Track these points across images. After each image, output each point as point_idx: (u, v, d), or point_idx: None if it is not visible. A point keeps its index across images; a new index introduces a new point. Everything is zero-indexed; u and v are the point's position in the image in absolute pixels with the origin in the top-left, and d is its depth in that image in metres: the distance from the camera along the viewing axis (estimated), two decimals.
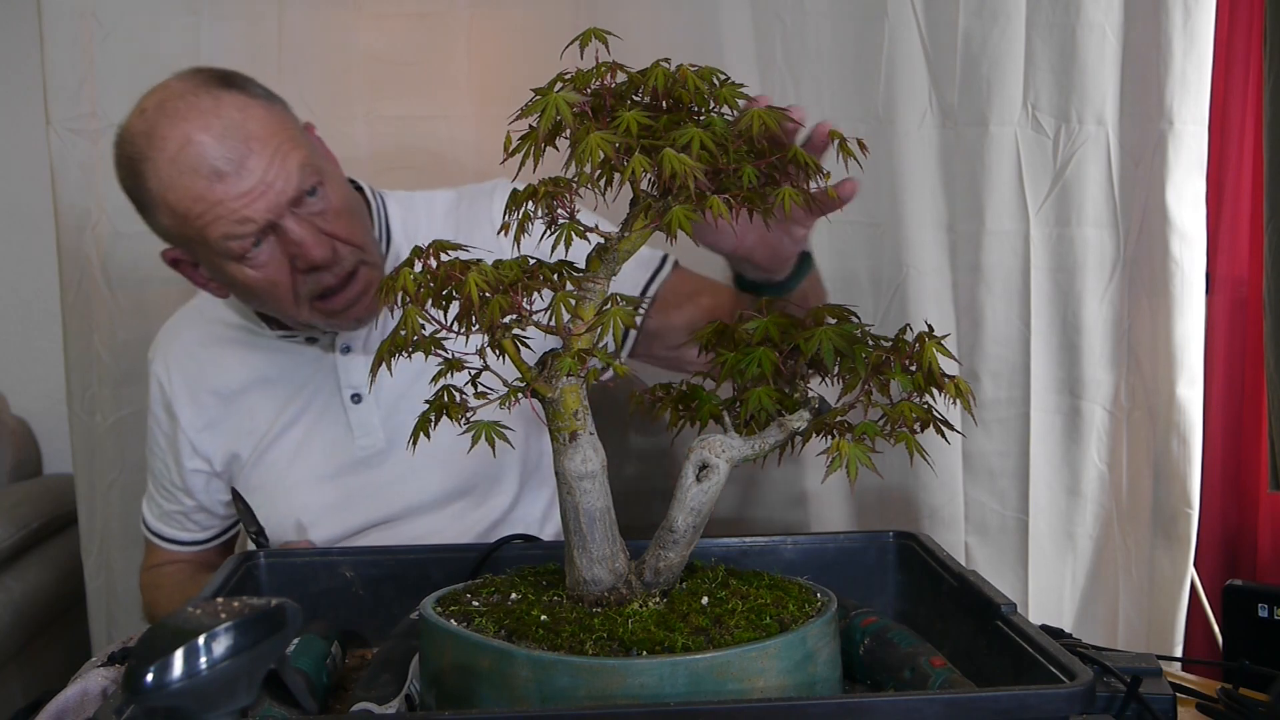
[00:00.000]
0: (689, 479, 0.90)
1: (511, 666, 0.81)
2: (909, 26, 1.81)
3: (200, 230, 1.31)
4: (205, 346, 1.53)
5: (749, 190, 0.87)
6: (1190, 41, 1.76)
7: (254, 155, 1.29)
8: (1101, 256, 1.83)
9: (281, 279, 1.34)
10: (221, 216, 1.29)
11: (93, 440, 1.95)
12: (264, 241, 1.32)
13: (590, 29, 0.88)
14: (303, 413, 1.49)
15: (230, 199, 1.28)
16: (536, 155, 0.87)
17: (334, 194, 1.36)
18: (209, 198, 1.28)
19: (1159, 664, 0.97)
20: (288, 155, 1.31)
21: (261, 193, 1.29)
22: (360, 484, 1.48)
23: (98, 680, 1.02)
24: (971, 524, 1.88)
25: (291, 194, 1.31)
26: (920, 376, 0.90)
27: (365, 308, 1.40)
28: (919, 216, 1.84)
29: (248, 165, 1.28)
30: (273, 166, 1.29)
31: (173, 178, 1.29)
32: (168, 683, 0.62)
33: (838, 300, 1.02)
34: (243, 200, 1.28)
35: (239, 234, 1.30)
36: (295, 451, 1.49)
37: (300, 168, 1.31)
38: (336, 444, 1.48)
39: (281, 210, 1.30)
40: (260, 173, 1.29)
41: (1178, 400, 1.82)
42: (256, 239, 1.31)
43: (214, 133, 1.28)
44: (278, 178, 1.29)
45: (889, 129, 1.82)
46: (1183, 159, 1.78)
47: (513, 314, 0.87)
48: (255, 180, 1.29)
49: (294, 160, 1.31)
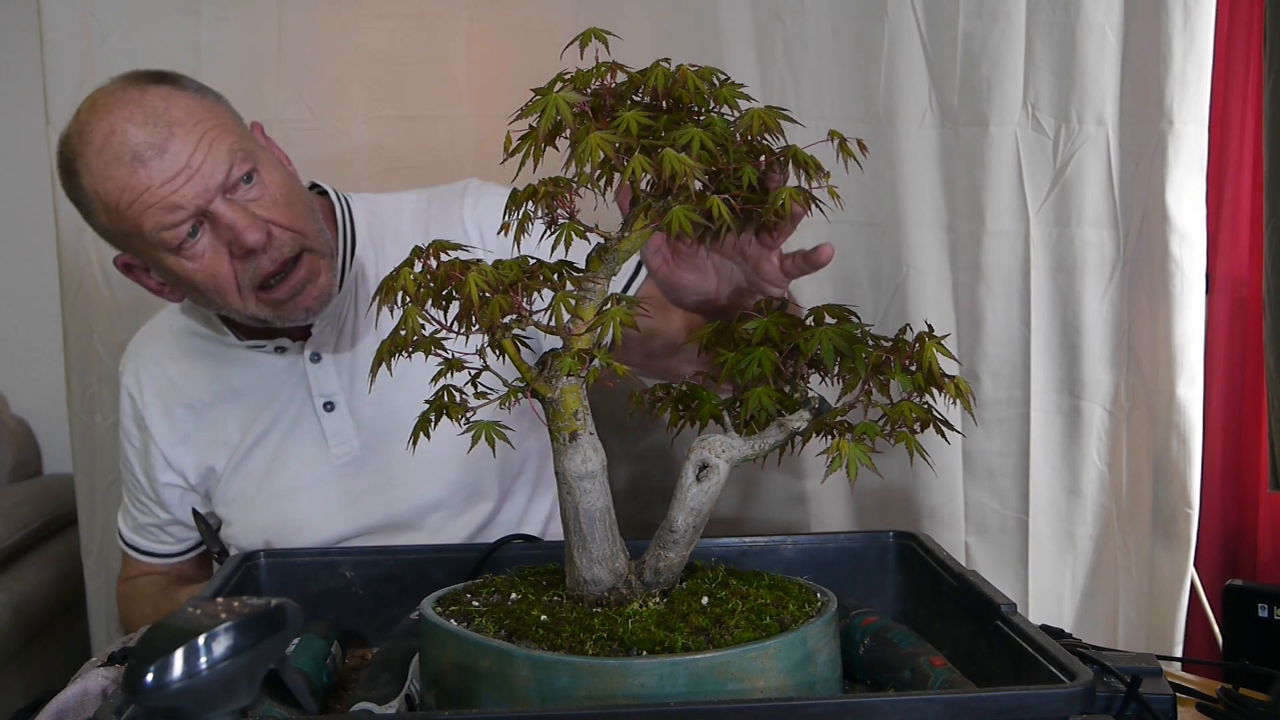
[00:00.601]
0: (689, 479, 0.90)
1: (511, 666, 0.81)
2: (909, 26, 1.81)
3: (134, 222, 1.30)
4: (175, 359, 1.52)
5: (748, 191, 0.87)
6: (1190, 41, 1.76)
7: (177, 139, 1.28)
8: (1101, 256, 1.83)
9: (221, 270, 1.33)
10: (150, 205, 1.28)
11: (93, 440, 1.95)
12: (200, 231, 1.31)
13: (590, 29, 0.88)
14: (275, 422, 1.48)
15: (156, 185, 1.28)
16: (536, 155, 0.87)
17: (271, 182, 1.35)
18: (135, 185, 1.28)
19: (1159, 664, 0.97)
20: (215, 141, 1.30)
21: (188, 178, 1.28)
22: (339, 493, 1.47)
23: (98, 680, 1.02)
24: (971, 524, 1.88)
25: (220, 179, 1.30)
26: (920, 376, 0.90)
27: (313, 297, 1.38)
28: (919, 216, 1.84)
29: (170, 149, 1.28)
30: (199, 151, 1.29)
31: (100, 169, 1.29)
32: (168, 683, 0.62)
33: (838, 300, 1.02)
34: (169, 186, 1.28)
35: (170, 222, 1.29)
36: (271, 462, 1.48)
37: (230, 153, 1.31)
38: (312, 453, 1.47)
39: (211, 195, 1.30)
40: (185, 157, 1.28)
41: (1178, 400, 1.82)
42: (192, 228, 1.30)
43: (136, 120, 1.28)
44: (205, 162, 1.29)
45: (889, 129, 1.82)
46: (1183, 159, 1.78)
47: (513, 314, 0.87)
48: (180, 164, 1.28)
49: (222, 146, 1.31)
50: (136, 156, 1.27)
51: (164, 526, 1.56)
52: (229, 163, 1.31)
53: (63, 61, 1.85)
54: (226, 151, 1.31)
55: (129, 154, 1.27)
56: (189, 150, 1.29)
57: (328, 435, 1.47)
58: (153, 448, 1.52)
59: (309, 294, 1.38)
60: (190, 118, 1.31)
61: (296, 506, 1.47)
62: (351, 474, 1.47)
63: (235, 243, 1.31)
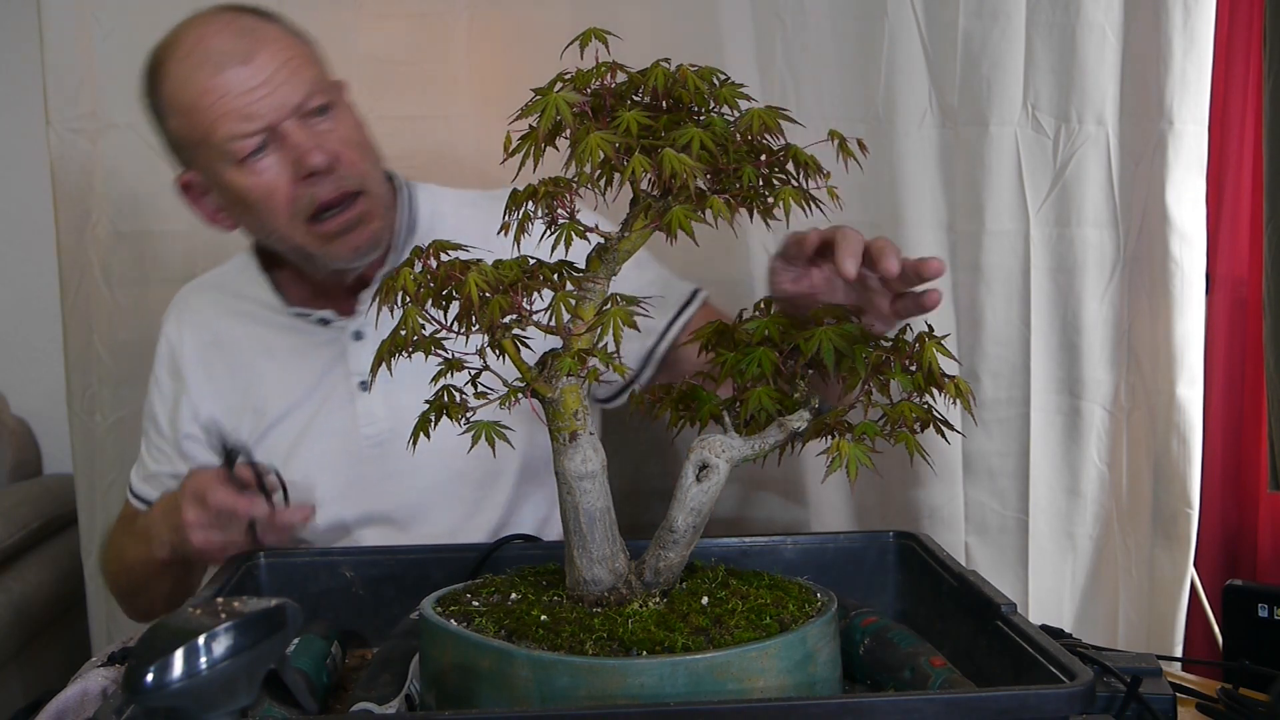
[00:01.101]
0: (689, 479, 0.90)
1: (511, 666, 0.81)
2: (909, 26, 1.81)
3: (206, 128, 1.32)
4: (221, 316, 1.53)
5: (748, 190, 0.87)
6: (1190, 41, 1.76)
7: (263, 54, 1.32)
8: (1101, 256, 1.82)
9: (279, 189, 1.34)
10: (226, 111, 1.31)
11: (93, 440, 1.95)
12: (267, 148, 1.33)
13: (590, 29, 0.88)
14: (308, 396, 1.48)
15: (235, 92, 1.30)
16: (536, 155, 0.87)
17: (343, 122, 1.38)
18: (215, 89, 1.31)
19: (1159, 664, 0.97)
20: (299, 68, 1.34)
21: (267, 92, 1.31)
22: (359, 475, 1.46)
23: (98, 680, 1.02)
24: (971, 524, 1.88)
25: (297, 100, 1.33)
26: (920, 376, 0.90)
27: (363, 238, 1.39)
28: (919, 216, 1.83)
29: (255, 60, 1.31)
30: (282, 70, 1.32)
31: (183, 73, 1.33)
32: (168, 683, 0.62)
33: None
34: (247, 97, 1.31)
35: (241, 132, 1.31)
36: (299, 435, 1.47)
37: (311, 81, 1.34)
38: (342, 431, 1.47)
39: (285, 113, 1.32)
40: (268, 72, 1.32)
41: (1178, 400, 1.82)
42: (260, 143, 1.33)
43: (227, 33, 1.33)
44: (286, 82, 1.32)
45: (889, 129, 1.82)
46: (1183, 159, 1.78)
47: (513, 314, 0.87)
48: (262, 78, 1.31)
49: (305, 73, 1.34)
50: (221, 63, 1.31)
51: (177, 477, 1.54)
52: (308, 89, 1.33)
53: (63, 61, 1.85)
54: (308, 80, 1.34)
55: (214, 59, 1.31)
56: (273, 67, 1.32)
57: (359, 415, 1.46)
58: (184, 399, 1.51)
59: (360, 233, 1.39)
60: (279, 41, 1.35)
61: (320, 482, 1.45)
62: (376, 457, 1.46)
63: (299, 163, 1.33)
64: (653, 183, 0.86)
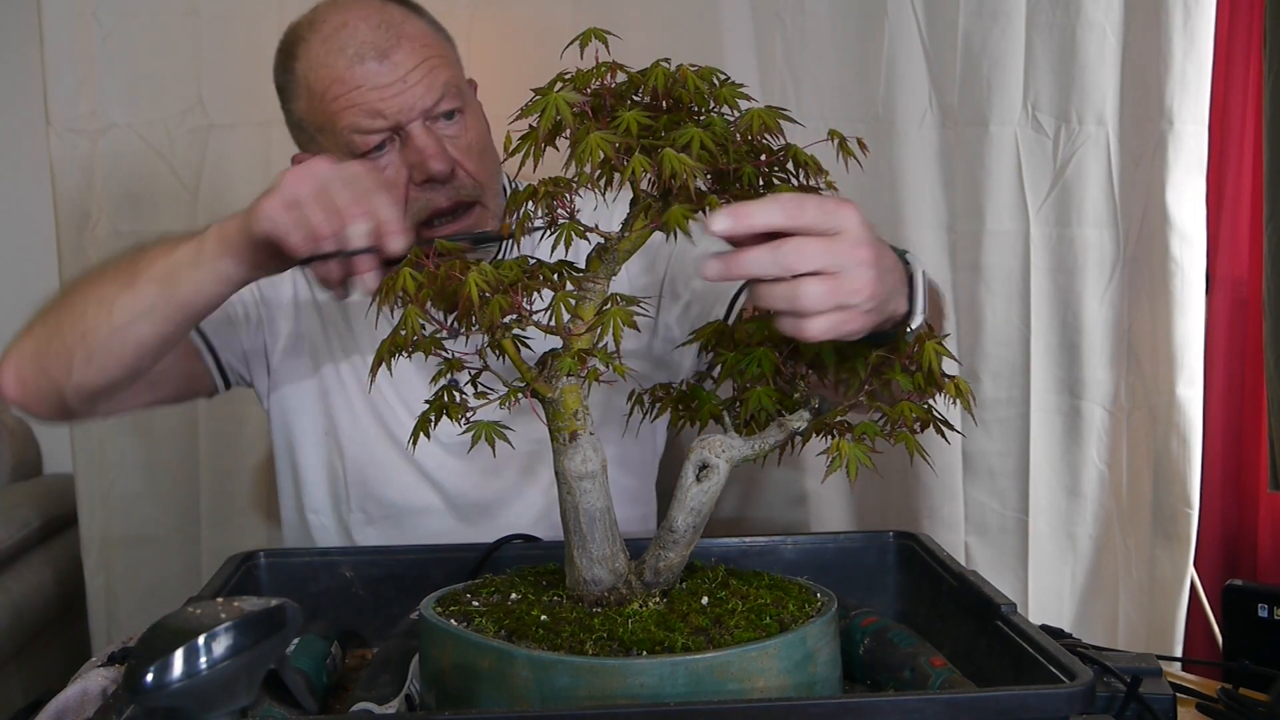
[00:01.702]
0: (689, 479, 0.90)
1: (511, 666, 0.81)
2: (909, 26, 1.81)
3: (332, 117, 1.30)
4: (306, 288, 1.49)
5: (748, 190, 0.87)
6: (1190, 41, 1.76)
7: (401, 51, 1.30)
8: (1101, 256, 1.83)
9: (397, 187, 1.32)
10: (354, 104, 1.29)
11: (93, 440, 1.95)
12: (388, 147, 1.31)
13: (590, 29, 0.88)
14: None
15: (367, 86, 1.28)
16: (536, 155, 0.87)
17: (471, 129, 1.35)
18: (347, 79, 1.29)
19: (1159, 664, 0.97)
20: (436, 68, 1.32)
21: (399, 91, 1.29)
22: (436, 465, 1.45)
23: (98, 680, 1.02)
24: (971, 524, 1.88)
25: (427, 104, 1.30)
26: (920, 377, 0.90)
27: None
28: (919, 216, 1.84)
29: (393, 57, 1.29)
30: (417, 70, 1.30)
31: (320, 57, 1.31)
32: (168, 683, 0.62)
33: None
34: (378, 92, 1.28)
35: (366, 127, 1.29)
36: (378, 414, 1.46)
37: (445, 84, 1.32)
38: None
39: (413, 115, 1.30)
40: (404, 71, 1.29)
41: (1178, 400, 1.82)
42: (381, 141, 1.31)
43: (370, 22, 1.31)
44: (419, 82, 1.30)
45: (889, 129, 1.82)
46: (1183, 159, 1.78)
47: (513, 314, 0.87)
48: (396, 75, 1.29)
49: (441, 75, 1.32)
50: (359, 53, 1.29)
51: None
52: (441, 93, 1.31)
53: (63, 62, 1.85)
54: (443, 82, 1.32)
55: (353, 48, 1.29)
56: (409, 65, 1.30)
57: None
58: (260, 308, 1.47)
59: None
60: (420, 38, 1.32)
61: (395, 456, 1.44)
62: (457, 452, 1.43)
63: (419, 167, 1.31)
64: (653, 183, 0.86)
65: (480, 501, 1.48)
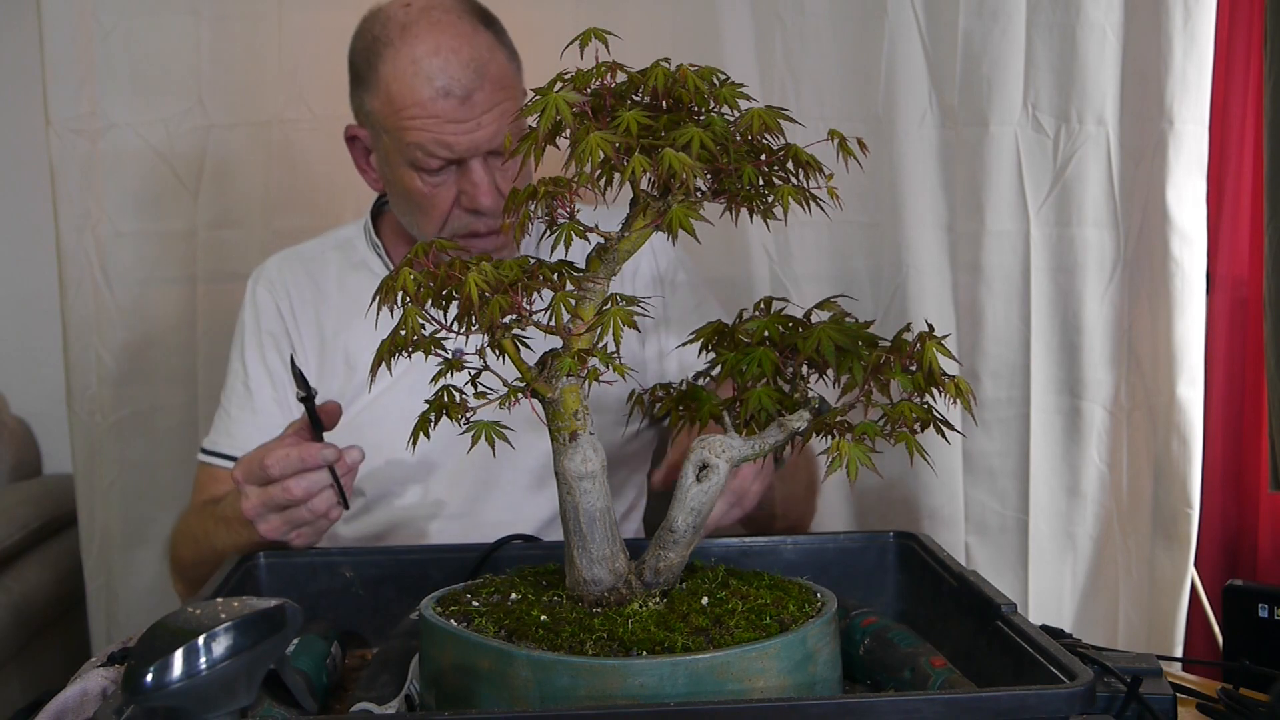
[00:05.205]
0: (689, 479, 0.90)
1: (511, 666, 0.81)
2: (909, 26, 1.81)
3: (400, 129, 1.37)
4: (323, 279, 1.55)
5: (748, 189, 0.87)
6: (1190, 41, 1.76)
7: (482, 93, 1.37)
8: (1101, 256, 1.82)
9: (441, 204, 1.41)
10: (429, 131, 1.36)
11: (93, 440, 1.95)
12: (446, 171, 1.39)
13: (590, 29, 0.88)
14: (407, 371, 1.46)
15: (445, 119, 1.36)
16: (537, 155, 0.87)
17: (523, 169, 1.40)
18: (426, 109, 1.36)
19: (1159, 664, 0.97)
20: (506, 112, 1.39)
21: (469, 131, 1.36)
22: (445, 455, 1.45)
23: (98, 680, 1.02)
24: (971, 524, 1.88)
25: (492, 146, 1.38)
26: (920, 376, 0.90)
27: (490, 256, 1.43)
28: (919, 216, 1.84)
29: (473, 99, 1.36)
30: (491, 114, 1.37)
31: (407, 74, 1.37)
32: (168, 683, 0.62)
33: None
34: (451, 128, 1.36)
35: (433, 153, 1.37)
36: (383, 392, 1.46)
37: (512, 130, 1.37)
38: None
39: (477, 152, 1.37)
40: (479, 112, 1.36)
41: (1178, 400, 1.82)
42: (441, 165, 1.38)
43: (462, 57, 1.37)
44: (491, 124, 1.37)
45: (889, 129, 1.82)
46: (1183, 159, 1.78)
47: (513, 314, 0.87)
48: (471, 115, 1.36)
49: (508, 118, 1.39)
50: (444, 89, 1.36)
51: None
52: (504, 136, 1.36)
53: (63, 62, 1.85)
54: (508, 128, 1.38)
55: (441, 82, 1.36)
56: (485, 108, 1.37)
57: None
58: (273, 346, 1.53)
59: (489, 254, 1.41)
60: (500, 80, 1.39)
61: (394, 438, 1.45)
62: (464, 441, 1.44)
63: (470, 197, 1.39)
64: (653, 182, 0.86)
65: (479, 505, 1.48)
